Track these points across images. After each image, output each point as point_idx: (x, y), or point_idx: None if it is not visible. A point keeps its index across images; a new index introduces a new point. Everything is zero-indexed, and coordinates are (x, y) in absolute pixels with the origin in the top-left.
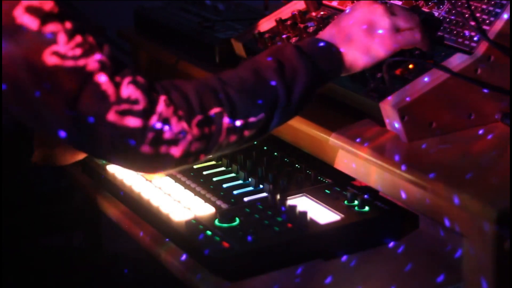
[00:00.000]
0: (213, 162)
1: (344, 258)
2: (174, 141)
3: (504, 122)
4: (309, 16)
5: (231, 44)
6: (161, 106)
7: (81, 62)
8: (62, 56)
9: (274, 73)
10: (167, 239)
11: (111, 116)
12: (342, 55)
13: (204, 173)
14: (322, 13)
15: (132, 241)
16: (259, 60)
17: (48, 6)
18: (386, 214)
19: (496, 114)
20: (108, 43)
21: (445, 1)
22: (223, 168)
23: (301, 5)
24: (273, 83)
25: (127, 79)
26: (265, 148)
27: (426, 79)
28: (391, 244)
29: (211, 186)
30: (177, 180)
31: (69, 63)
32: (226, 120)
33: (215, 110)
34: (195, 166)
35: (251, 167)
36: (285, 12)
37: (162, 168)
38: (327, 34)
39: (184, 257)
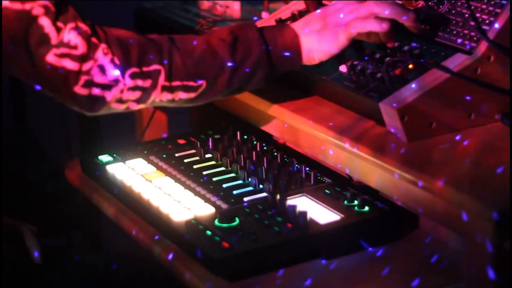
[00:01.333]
0: (213, 162)
1: (343, 258)
2: (106, 87)
3: (504, 122)
4: None
5: None
6: (99, 53)
7: (27, 6)
8: None
9: (226, 47)
10: (157, 237)
11: (50, 58)
12: (300, 46)
13: (204, 173)
14: None
15: (132, 241)
16: (219, 32)
17: None
18: (386, 214)
19: (496, 114)
20: None
21: (445, 1)
22: (223, 168)
23: (301, 5)
24: (221, 56)
25: (70, 25)
26: (265, 148)
27: (425, 79)
28: (391, 244)
29: (211, 186)
30: (177, 180)
31: (17, 6)
32: (162, 78)
33: (153, 67)
34: (195, 166)
35: (251, 167)
36: (285, 12)
37: (95, 108)
38: (296, 24)
39: (183, 257)
